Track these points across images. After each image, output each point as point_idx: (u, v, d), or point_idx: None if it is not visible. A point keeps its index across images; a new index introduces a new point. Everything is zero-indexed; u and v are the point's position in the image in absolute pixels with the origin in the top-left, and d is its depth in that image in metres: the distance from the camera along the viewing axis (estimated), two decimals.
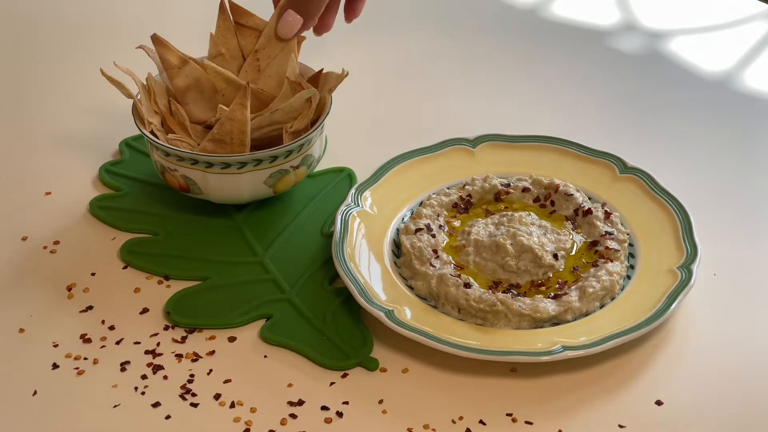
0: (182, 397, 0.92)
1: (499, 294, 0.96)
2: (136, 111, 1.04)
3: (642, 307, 0.95)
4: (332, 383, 0.93)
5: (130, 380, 0.93)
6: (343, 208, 1.03)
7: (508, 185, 1.06)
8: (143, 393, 0.92)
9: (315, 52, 1.13)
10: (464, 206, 1.06)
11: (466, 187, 1.06)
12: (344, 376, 0.93)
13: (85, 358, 0.94)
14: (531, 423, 0.90)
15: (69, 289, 1.00)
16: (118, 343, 0.96)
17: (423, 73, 1.26)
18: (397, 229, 1.04)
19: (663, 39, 1.31)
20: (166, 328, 0.97)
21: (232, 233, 1.05)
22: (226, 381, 0.93)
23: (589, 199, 1.06)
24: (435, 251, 1.01)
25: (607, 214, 1.03)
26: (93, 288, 1.00)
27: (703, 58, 1.28)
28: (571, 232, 1.03)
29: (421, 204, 1.05)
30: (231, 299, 0.99)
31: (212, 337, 0.96)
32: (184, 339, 0.96)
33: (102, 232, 1.06)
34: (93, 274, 1.01)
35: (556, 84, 1.14)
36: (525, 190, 1.06)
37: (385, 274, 0.99)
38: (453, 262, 1.00)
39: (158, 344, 0.95)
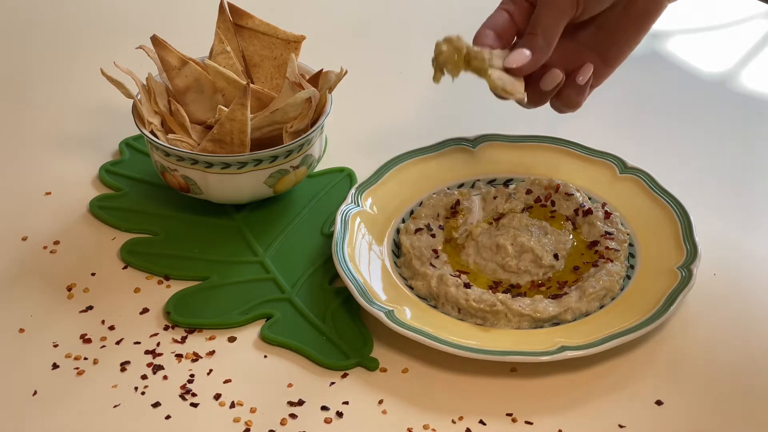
0: (182, 397, 0.92)
1: (499, 294, 0.96)
2: (136, 111, 1.04)
3: (642, 307, 0.95)
4: (332, 383, 0.93)
5: (130, 380, 0.93)
6: (343, 208, 1.03)
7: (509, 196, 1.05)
8: (143, 393, 0.92)
9: (315, 52, 1.12)
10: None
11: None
12: (344, 376, 0.93)
13: (85, 358, 0.94)
14: (531, 423, 0.90)
15: (69, 289, 1.00)
16: (118, 343, 0.96)
17: (423, 72, 1.26)
18: (397, 229, 1.04)
19: (663, 39, 1.31)
20: (166, 328, 0.97)
21: (232, 233, 1.05)
22: (226, 381, 0.93)
23: (589, 199, 1.06)
24: (435, 251, 1.01)
25: (607, 214, 1.03)
26: (93, 288, 1.00)
27: (703, 58, 1.28)
28: (571, 232, 1.03)
29: (421, 204, 1.05)
30: (231, 299, 0.99)
31: (212, 337, 0.96)
32: (184, 339, 0.96)
33: (102, 232, 1.06)
34: (93, 274, 1.01)
35: None
36: (528, 192, 1.06)
37: (385, 274, 0.99)
38: (453, 262, 1.00)
39: (158, 344, 0.95)
